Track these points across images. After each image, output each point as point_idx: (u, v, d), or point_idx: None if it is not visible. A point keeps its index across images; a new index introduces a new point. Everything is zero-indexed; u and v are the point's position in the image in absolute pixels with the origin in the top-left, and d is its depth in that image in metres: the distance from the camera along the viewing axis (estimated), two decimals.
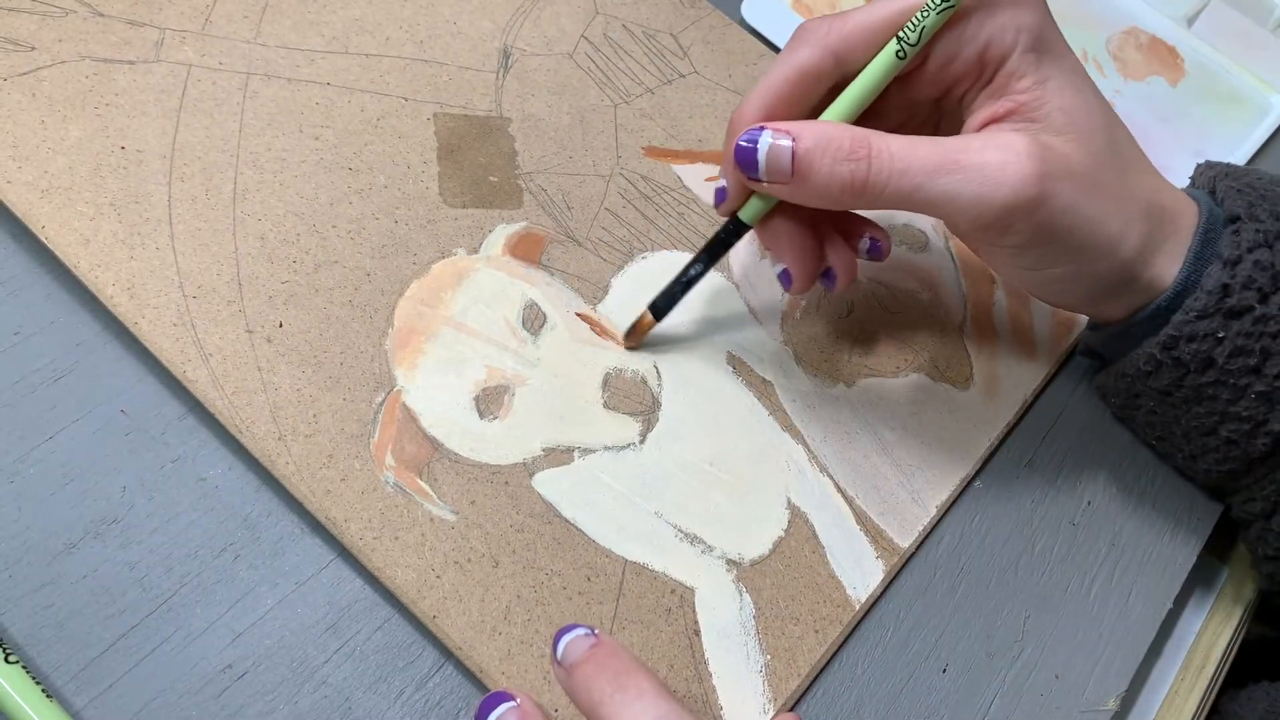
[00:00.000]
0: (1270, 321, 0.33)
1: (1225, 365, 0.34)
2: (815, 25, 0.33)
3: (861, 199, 0.32)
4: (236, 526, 0.33)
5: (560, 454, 0.35)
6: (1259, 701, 0.39)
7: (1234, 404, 0.35)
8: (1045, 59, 0.33)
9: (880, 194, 0.31)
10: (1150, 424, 0.39)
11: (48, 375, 0.34)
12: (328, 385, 0.34)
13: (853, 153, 0.31)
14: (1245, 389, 0.34)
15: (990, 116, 0.33)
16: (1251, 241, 0.34)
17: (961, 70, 0.33)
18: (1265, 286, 0.33)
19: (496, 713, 0.30)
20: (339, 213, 0.38)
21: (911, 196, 0.31)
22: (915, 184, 0.31)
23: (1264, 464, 0.36)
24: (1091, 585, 0.38)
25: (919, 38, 0.32)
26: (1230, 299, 0.33)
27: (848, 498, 0.37)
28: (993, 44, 0.32)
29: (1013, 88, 0.33)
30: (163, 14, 0.41)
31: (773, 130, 0.32)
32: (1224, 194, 0.36)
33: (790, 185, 0.32)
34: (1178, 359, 0.35)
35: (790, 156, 0.31)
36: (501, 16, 0.45)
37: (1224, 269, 0.33)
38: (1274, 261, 0.33)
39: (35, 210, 0.35)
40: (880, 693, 0.34)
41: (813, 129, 0.32)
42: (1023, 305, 0.43)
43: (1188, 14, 0.55)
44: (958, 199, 0.31)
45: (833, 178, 0.31)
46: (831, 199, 0.32)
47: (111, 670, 0.30)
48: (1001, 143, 0.31)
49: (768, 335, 0.40)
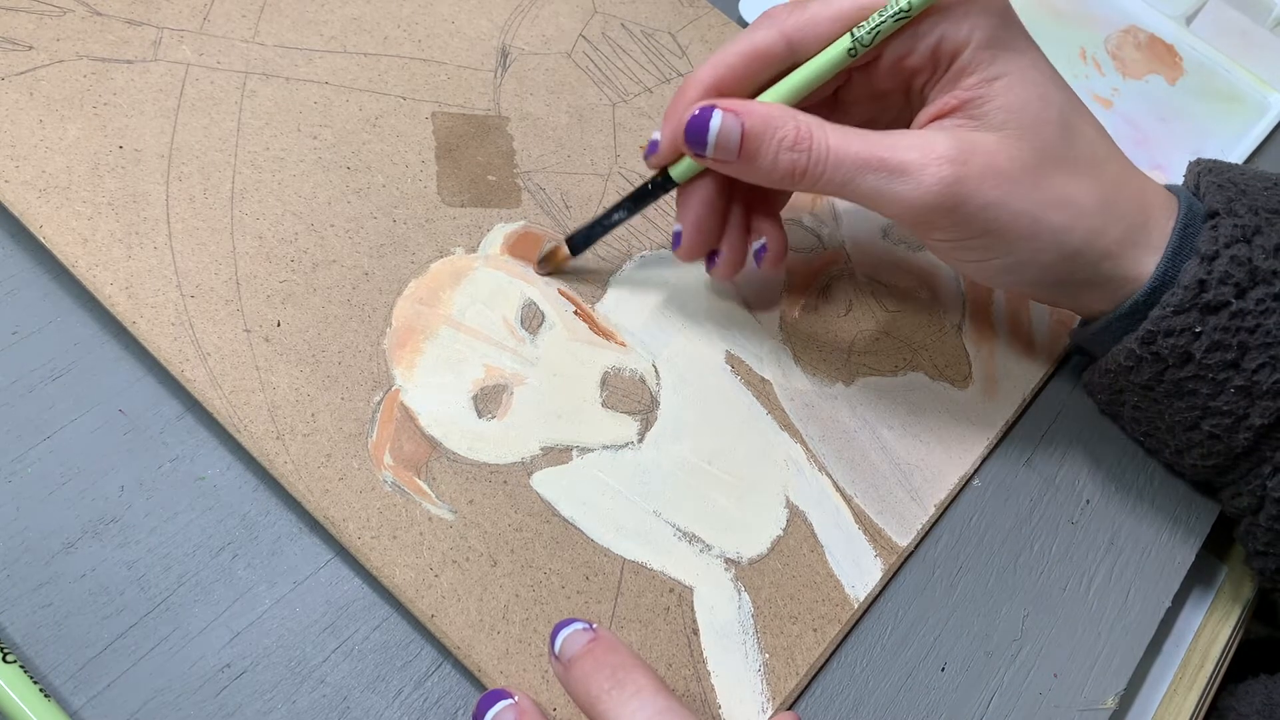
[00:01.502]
0: (1247, 316, 0.33)
1: (1203, 360, 0.34)
2: (779, 10, 0.35)
3: (803, 184, 0.34)
4: (234, 526, 0.33)
5: (559, 453, 0.35)
6: (1256, 695, 0.39)
7: (1214, 399, 0.35)
8: (1001, 55, 0.33)
9: (818, 183, 0.33)
10: (1136, 420, 0.39)
11: (45, 375, 0.34)
12: (326, 384, 0.34)
13: (796, 144, 0.33)
14: (1224, 383, 0.34)
15: (937, 111, 0.34)
16: (1229, 237, 0.34)
17: (916, 64, 0.34)
18: (1242, 281, 0.33)
19: (494, 710, 0.30)
20: (337, 212, 0.38)
21: (843, 189, 0.33)
22: (846, 178, 0.33)
23: (1248, 458, 0.36)
24: (1090, 584, 0.38)
25: (873, 39, 0.33)
26: (1207, 294, 0.33)
27: (846, 497, 0.37)
28: (946, 39, 0.33)
29: (961, 83, 0.33)
30: (161, 13, 0.40)
31: (724, 110, 0.33)
32: (1205, 189, 0.36)
33: (735, 165, 0.34)
34: (1156, 354, 0.35)
35: (739, 139, 0.33)
36: (500, 15, 0.45)
37: (1201, 264, 0.34)
38: (1251, 257, 0.33)
39: (33, 210, 0.35)
40: (879, 691, 0.34)
41: (759, 110, 0.33)
42: (1021, 304, 0.43)
43: (1186, 13, 0.55)
44: (881, 196, 0.33)
45: (775, 164, 0.33)
46: (773, 183, 0.34)
47: (110, 669, 0.30)
48: (922, 142, 0.32)
49: (766, 334, 0.40)
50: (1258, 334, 0.33)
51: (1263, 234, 0.34)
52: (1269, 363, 0.33)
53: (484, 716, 0.30)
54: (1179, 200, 0.36)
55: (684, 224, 0.37)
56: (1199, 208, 0.36)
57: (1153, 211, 0.35)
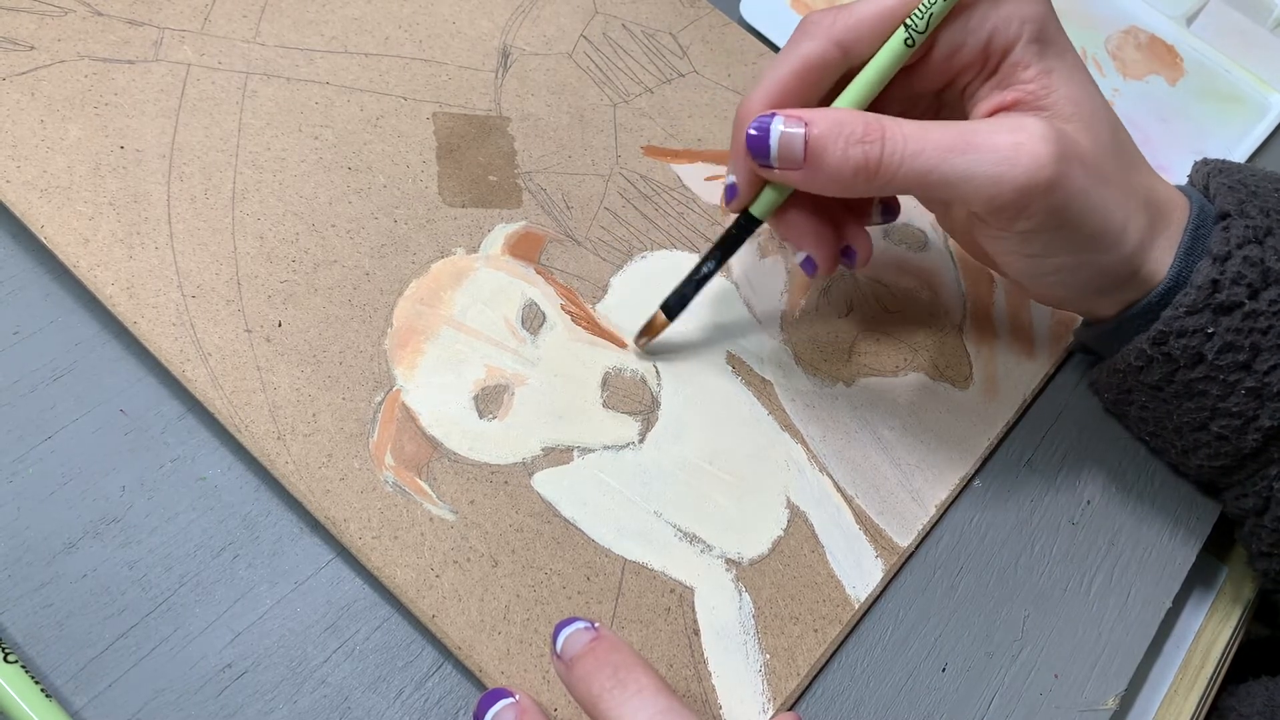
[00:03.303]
0: (1260, 317, 0.33)
1: (1215, 361, 0.34)
2: (819, 17, 0.33)
3: (875, 182, 0.32)
4: (235, 526, 0.33)
5: (559, 453, 0.35)
6: (1258, 697, 0.39)
7: (1224, 400, 0.35)
8: (1049, 50, 0.33)
9: (894, 176, 0.31)
10: (1143, 419, 0.39)
11: (47, 375, 0.34)
12: (327, 385, 0.34)
13: (866, 136, 0.31)
14: (1235, 385, 0.34)
15: (996, 106, 0.34)
16: (1241, 237, 0.34)
17: (966, 60, 0.33)
18: (1255, 282, 0.33)
19: (494, 709, 0.30)
20: (338, 212, 0.38)
21: (926, 177, 0.31)
22: (929, 165, 0.31)
23: (1255, 460, 0.36)
24: (1091, 584, 0.38)
25: (927, 25, 0.32)
26: (1220, 295, 0.33)
27: (847, 497, 0.37)
28: (997, 34, 0.33)
29: (1018, 78, 0.33)
30: (162, 13, 0.40)
31: (784, 117, 0.32)
32: (1216, 190, 0.36)
33: (803, 171, 0.32)
34: (1168, 354, 0.35)
35: (803, 142, 0.31)
36: (501, 16, 0.45)
37: (1214, 264, 0.33)
38: (1263, 257, 0.33)
39: (34, 210, 0.35)
40: (879, 692, 0.34)
41: (824, 114, 0.32)
42: (1022, 304, 0.43)
43: (1187, 13, 0.55)
44: (974, 179, 0.31)
45: (845, 161, 0.31)
46: (844, 183, 0.32)
47: (111, 670, 0.30)
48: (1016, 125, 0.31)
49: (767, 335, 0.40)
50: (1270, 335, 0.33)
51: (1275, 235, 0.34)
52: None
53: (485, 716, 0.30)
54: (1191, 201, 0.36)
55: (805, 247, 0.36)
56: (1209, 208, 0.36)
57: (1166, 211, 0.35)
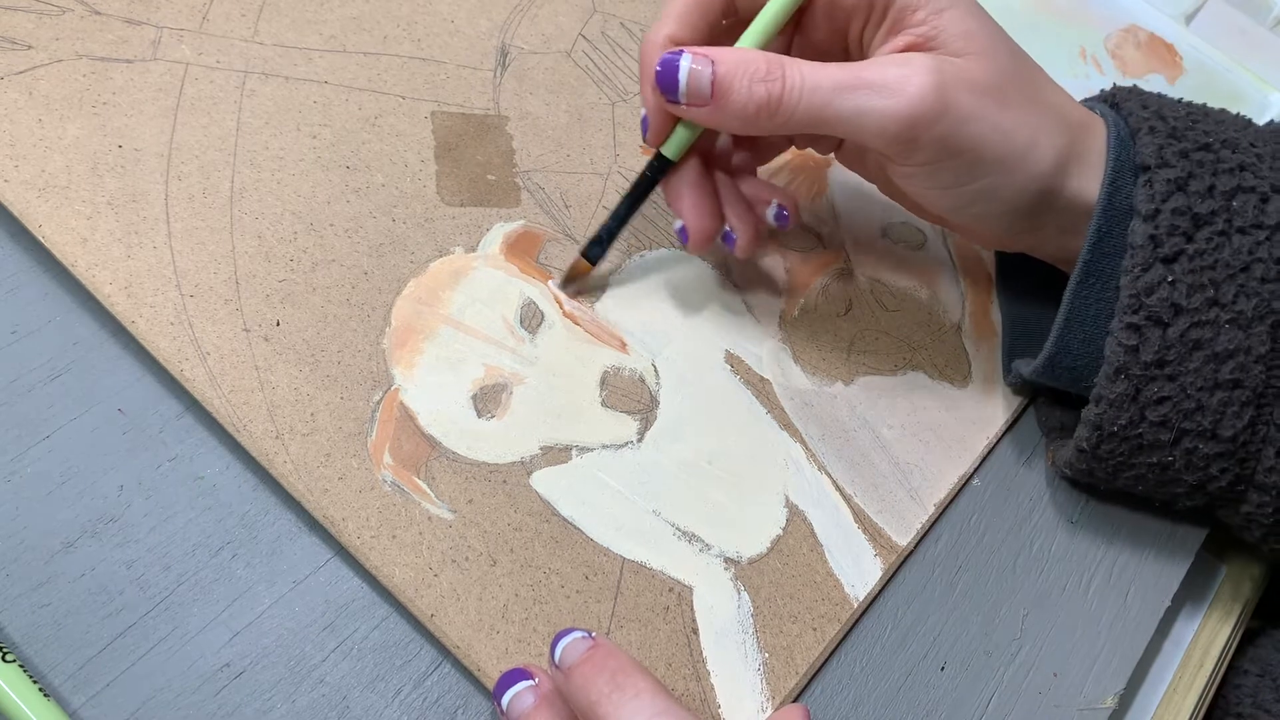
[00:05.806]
0: (1204, 255, 0.34)
1: (1190, 305, 0.34)
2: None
3: (776, 119, 0.33)
4: (234, 525, 0.33)
5: (558, 452, 0.35)
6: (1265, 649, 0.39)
7: (1216, 341, 0.34)
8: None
9: (793, 112, 0.33)
10: (1164, 421, 0.36)
11: (45, 374, 0.34)
12: (325, 384, 0.34)
13: (769, 74, 0.33)
14: (1218, 324, 0.34)
15: (891, 51, 0.34)
16: (1164, 192, 0.34)
17: (850, 4, 0.34)
18: (1188, 230, 0.34)
19: (513, 690, 0.30)
20: (336, 211, 0.38)
21: (822, 113, 0.33)
22: (824, 100, 0.33)
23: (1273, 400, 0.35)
24: (1089, 583, 0.38)
25: None
26: (1162, 249, 0.34)
27: (846, 496, 0.37)
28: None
29: (910, 21, 0.34)
30: (160, 12, 0.40)
31: (692, 55, 0.33)
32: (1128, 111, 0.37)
33: (710, 107, 0.34)
34: (1150, 316, 0.34)
35: (710, 79, 0.33)
36: (499, 14, 0.45)
37: (1145, 223, 0.34)
38: (1190, 205, 0.34)
39: (32, 209, 0.35)
40: (879, 691, 0.34)
41: (730, 53, 0.34)
42: None
43: (1186, 12, 0.55)
44: (864, 114, 0.33)
45: (750, 98, 0.33)
46: (748, 119, 0.34)
47: (109, 669, 0.30)
48: (902, 60, 0.33)
49: (766, 334, 0.40)
50: (1219, 268, 0.34)
51: (1195, 178, 0.34)
52: (1241, 291, 0.34)
53: (503, 695, 0.30)
54: (1106, 121, 0.36)
55: (682, 213, 0.37)
56: (1124, 127, 0.36)
57: (1082, 131, 0.36)
